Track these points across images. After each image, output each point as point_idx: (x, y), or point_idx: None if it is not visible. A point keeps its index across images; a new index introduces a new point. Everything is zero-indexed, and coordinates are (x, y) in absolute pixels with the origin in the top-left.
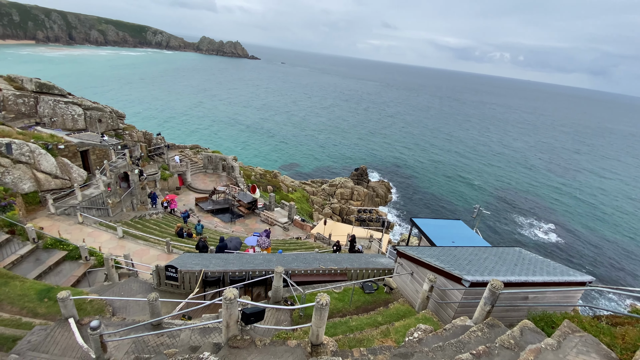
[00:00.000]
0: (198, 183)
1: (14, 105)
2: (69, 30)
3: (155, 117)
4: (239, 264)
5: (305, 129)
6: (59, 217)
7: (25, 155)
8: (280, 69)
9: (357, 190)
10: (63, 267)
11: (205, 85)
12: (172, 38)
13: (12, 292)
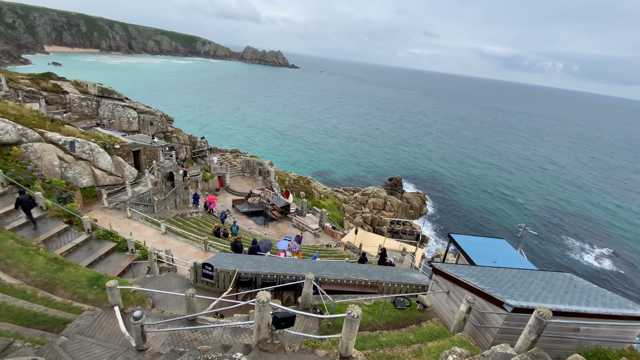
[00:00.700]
0: (236, 185)
1: (79, 107)
2: (129, 41)
3: (196, 121)
4: (271, 267)
5: (338, 136)
6: (111, 211)
7: (86, 153)
8: (318, 77)
9: (390, 200)
10: (111, 257)
11: (244, 92)
12: (219, 48)
13: (66, 277)
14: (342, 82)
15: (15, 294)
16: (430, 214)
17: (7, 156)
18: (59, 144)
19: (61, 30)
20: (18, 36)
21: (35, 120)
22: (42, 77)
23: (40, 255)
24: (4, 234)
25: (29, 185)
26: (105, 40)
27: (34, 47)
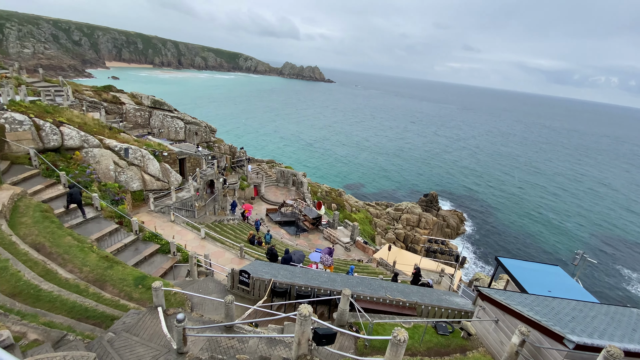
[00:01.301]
0: (270, 195)
1: (133, 117)
2: (179, 57)
3: (233, 131)
4: (305, 279)
5: (370, 150)
6: (156, 214)
7: (138, 159)
8: (352, 91)
9: (425, 217)
10: (155, 258)
11: (279, 105)
12: (259, 63)
13: (115, 275)
14: (376, 96)
15: (70, 288)
16: (468, 234)
17: (70, 159)
18: (115, 150)
19: (121, 47)
20: (83, 52)
21: (95, 128)
22: (103, 89)
23: (94, 253)
24: (63, 230)
25: (87, 186)
26: (158, 57)
27: (97, 62)
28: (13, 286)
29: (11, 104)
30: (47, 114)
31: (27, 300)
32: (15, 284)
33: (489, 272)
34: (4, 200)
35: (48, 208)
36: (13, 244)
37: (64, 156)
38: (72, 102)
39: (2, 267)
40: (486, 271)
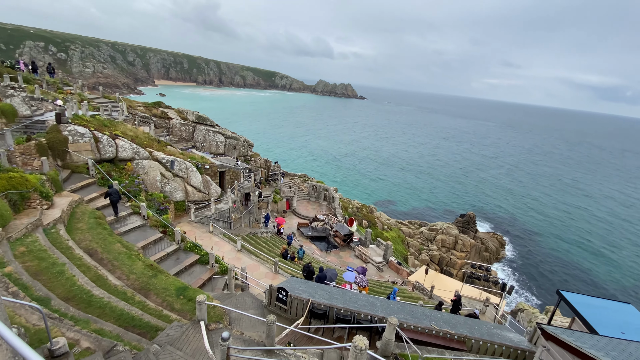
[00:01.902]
0: (301, 209)
1: (179, 131)
2: (220, 76)
3: (264, 145)
4: (343, 301)
5: (402, 166)
6: (196, 224)
7: (182, 171)
8: (384, 108)
9: (462, 239)
10: (194, 269)
11: (310, 121)
12: (294, 81)
13: (158, 284)
14: (409, 112)
15: (118, 295)
16: (509, 259)
17: (122, 170)
18: (162, 162)
19: (169, 67)
20: (136, 72)
21: (146, 141)
22: (153, 105)
23: (140, 261)
24: (114, 237)
25: (136, 196)
26: (202, 76)
27: (147, 80)
28: (68, 290)
29: (74, 118)
30: (105, 127)
31: (79, 305)
32: (70, 288)
33: (533, 303)
34: (64, 206)
35: (101, 215)
36: (69, 249)
37: (117, 167)
38: (126, 116)
39: (59, 271)
40: (530, 301)
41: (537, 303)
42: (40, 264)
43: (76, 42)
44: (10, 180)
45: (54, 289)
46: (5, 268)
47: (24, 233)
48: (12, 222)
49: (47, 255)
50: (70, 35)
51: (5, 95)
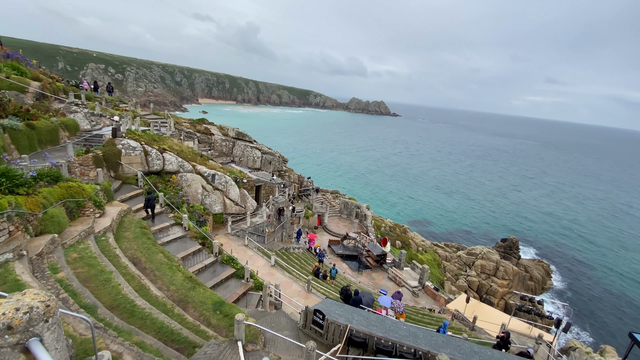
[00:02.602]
0: (332, 226)
1: (220, 146)
2: (258, 94)
3: (294, 160)
4: (383, 329)
5: (436, 185)
6: (232, 237)
7: (222, 184)
8: (418, 125)
9: (503, 265)
10: (229, 283)
11: (340, 137)
12: (327, 99)
13: (196, 297)
14: (444, 130)
15: (158, 306)
16: (557, 290)
17: (167, 182)
18: (204, 176)
19: (212, 86)
20: (182, 91)
21: (190, 155)
22: (197, 121)
23: (180, 272)
24: (157, 247)
25: (179, 207)
26: (241, 94)
27: (192, 99)
28: (113, 299)
29: (128, 133)
30: (154, 141)
31: (123, 315)
32: (115, 296)
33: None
34: (114, 215)
35: (146, 225)
36: (116, 257)
37: (163, 179)
38: (173, 132)
39: (106, 279)
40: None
41: (588, 341)
42: (89, 271)
43: (132, 64)
44: (69, 189)
45: (100, 297)
46: (58, 274)
47: (77, 240)
48: (68, 229)
49: (96, 263)
50: (127, 58)
51: (70, 111)
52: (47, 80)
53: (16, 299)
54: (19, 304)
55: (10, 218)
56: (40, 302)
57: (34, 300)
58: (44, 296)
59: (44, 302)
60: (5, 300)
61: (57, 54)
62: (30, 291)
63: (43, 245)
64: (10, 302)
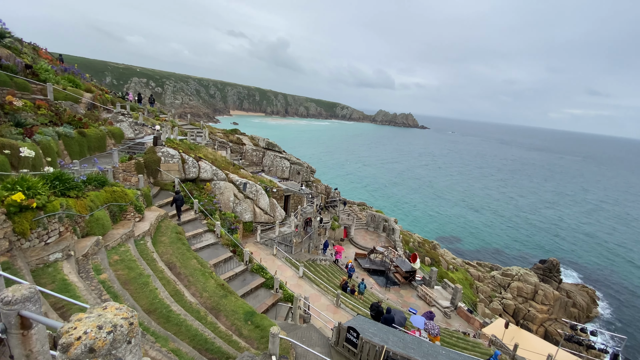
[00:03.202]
0: (359, 239)
1: (250, 156)
2: (286, 107)
3: (317, 171)
4: (421, 353)
5: (466, 200)
6: (261, 246)
7: (252, 193)
8: (447, 138)
9: (542, 289)
10: (259, 292)
11: (362, 148)
12: (354, 112)
13: (228, 305)
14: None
15: (192, 312)
16: (604, 319)
17: (202, 189)
18: (236, 184)
19: (243, 99)
20: (215, 103)
21: (223, 164)
22: (230, 132)
23: (212, 279)
24: (191, 253)
25: (211, 214)
26: (270, 107)
27: (224, 110)
28: (150, 303)
29: (167, 141)
30: (191, 150)
31: (159, 320)
32: (152, 301)
33: None
34: (152, 220)
35: (181, 230)
36: (154, 261)
37: (197, 186)
38: (207, 141)
39: (144, 283)
40: None
41: None
42: (129, 274)
43: (170, 78)
44: (113, 193)
45: (139, 300)
46: (101, 275)
47: (118, 242)
48: (110, 232)
49: (135, 266)
50: (166, 73)
51: (116, 120)
52: (97, 92)
53: (97, 314)
54: (101, 320)
55: (61, 219)
56: (124, 319)
57: (117, 316)
58: (126, 312)
59: (127, 320)
60: (85, 315)
61: (105, 69)
62: (111, 305)
63: (88, 246)
64: (92, 318)
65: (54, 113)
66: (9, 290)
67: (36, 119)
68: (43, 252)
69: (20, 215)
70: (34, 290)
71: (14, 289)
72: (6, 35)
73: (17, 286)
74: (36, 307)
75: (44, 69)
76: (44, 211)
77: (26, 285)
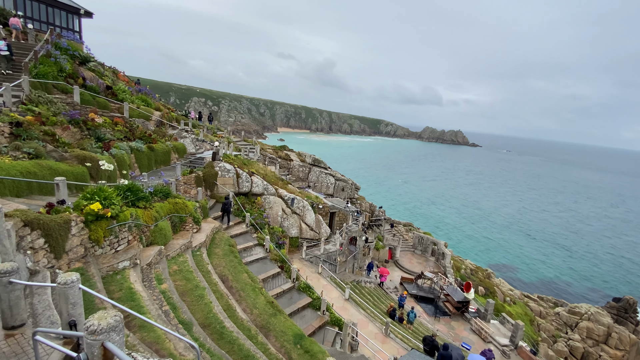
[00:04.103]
0: (405, 261)
1: (297, 171)
2: (330, 124)
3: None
4: None
5: (523, 225)
6: (306, 263)
7: (299, 208)
8: (502, 157)
9: (617, 331)
10: (305, 313)
11: (405, 165)
12: (399, 128)
13: (277, 325)
14: (534, 163)
15: (244, 330)
16: None
17: (253, 203)
18: (284, 199)
19: (290, 117)
20: (264, 121)
21: (272, 179)
22: (279, 148)
23: (262, 295)
24: (242, 266)
25: (261, 228)
26: (315, 124)
27: (272, 128)
28: (205, 316)
29: (224, 157)
30: (244, 165)
31: (213, 336)
32: (207, 314)
33: None
34: (208, 231)
35: (234, 243)
36: (208, 273)
37: (249, 200)
38: (258, 157)
39: (200, 295)
40: None
41: None
42: (186, 285)
43: (225, 98)
44: (175, 205)
45: (195, 313)
46: (162, 285)
47: (177, 253)
48: (171, 242)
49: (192, 277)
50: (222, 93)
51: (180, 136)
52: (165, 111)
53: None
54: None
55: (130, 228)
56: None
57: None
58: None
59: None
60: None
61: (170, 89)
62: None
63: (152, 255)
64: None
65: (129, 129)
66: (94, 318)
67: (113, 135)
68: (113, 259)
69: (95, 224)
70: (119, 318)
71: (99, 317)
72: (91, 59)
73: (102, 313)
74: (120, 337)
75: (121, 90)
76: (117, 220)
77: (111, 313)
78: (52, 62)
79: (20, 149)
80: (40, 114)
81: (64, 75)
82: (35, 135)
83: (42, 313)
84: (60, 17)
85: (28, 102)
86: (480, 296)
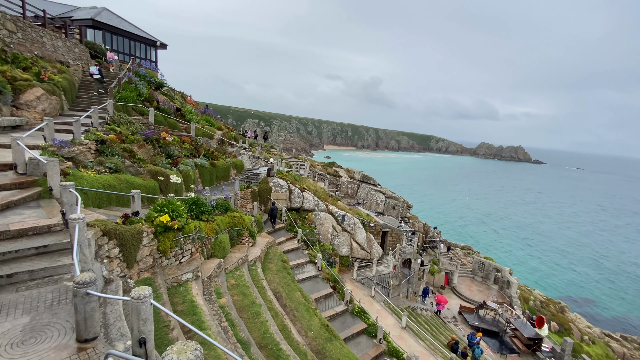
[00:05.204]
0: (463, 288)
1: (346, 188)
2: (377, 141)
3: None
4: None
5: (599, 251)
6: (357, 284)
7: (350, 226)
8: (572, 175)
9: None
10: (360, 339)
11: (458, 183)
12: (451, 144)
13: (333, 352)
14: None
15: (300, 354)
16: None
17: (304, 219)
18: (335, 216)
19: (336, 135)
20: (311, 139)
21: (322, 195)
22: (328, 165)
23: (316, 317)
24: (295, 284)
25: (313, 244)
26: (361, 141)
27: (318, 145)
28: (261, 336)
29: (278, 173)
30: (296, 181)
31: (270, 358)
32: (263, 334)
33: None
34: (262, 246)
35: (287, 259)
36: (263, 289)
37: (300, 215)
38: (308, 173)
39: (256, 312)
40: None
41: None
42: (243, 300)
43: (276, 118)
44: (234, 218)
45: (252, 332)
46: (221, 299)
47: (235, 266)
48: (229, 255)
49: (249, 292)
50: (273, 114)
51: (239, 153)
52: (225, 130)
53: None
54: None
55: (194, 240)
56: None
57: None
58: None
59: None
60: None
61: (228, 112)
62: None
63: (212, 268)
64: None
65: (194, 147)
66: (173, 352)
67: (181, 152)
68: (178, 271)
69: (164, 235)
70: (200, 354)
71: (178, 351)
72: (164, 85)
73: (181, 346)
74: None
75: (189, 111)
76: (182, 232)
77: (191, 347)
78: (133, 88)
79: (103, 164)
80: (120, 133)
81: (141, 99)
82: (116, 152)
83: (114, 324)
84: (140, 49)
85: (111, 123)
86: (553, 333)
